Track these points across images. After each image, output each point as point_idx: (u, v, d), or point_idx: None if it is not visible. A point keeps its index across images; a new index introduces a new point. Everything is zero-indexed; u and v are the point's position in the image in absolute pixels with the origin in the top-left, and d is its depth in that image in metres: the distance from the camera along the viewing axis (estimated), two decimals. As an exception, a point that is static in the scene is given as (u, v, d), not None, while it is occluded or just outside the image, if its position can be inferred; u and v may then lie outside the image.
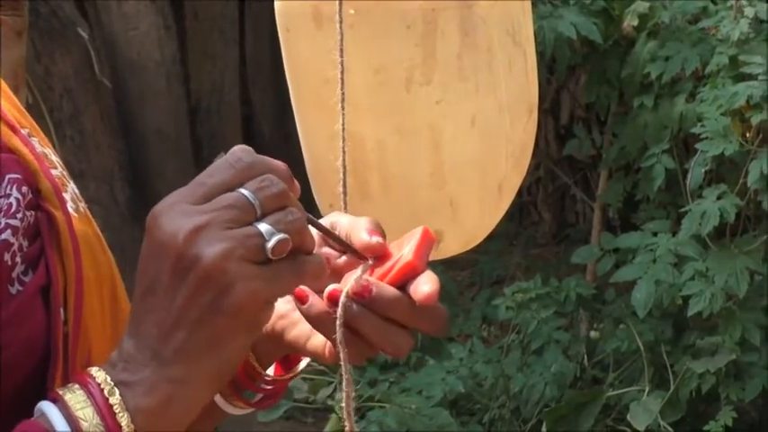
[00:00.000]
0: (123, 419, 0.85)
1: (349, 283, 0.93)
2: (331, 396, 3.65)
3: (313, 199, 1.72)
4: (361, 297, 0.92)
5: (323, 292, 0.95)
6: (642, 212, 3.99)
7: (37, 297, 0.93)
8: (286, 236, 0.86)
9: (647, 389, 3.60)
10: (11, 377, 0.91)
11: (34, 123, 1.04)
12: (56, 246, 0.96)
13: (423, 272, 0.92)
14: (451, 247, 1.68)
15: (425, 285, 0.91)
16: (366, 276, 0.93)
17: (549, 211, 5.54)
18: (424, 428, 3.55)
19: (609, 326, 3.93)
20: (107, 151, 4.36)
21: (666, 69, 3.66)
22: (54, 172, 0.99)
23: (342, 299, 0.92)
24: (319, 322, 0.95)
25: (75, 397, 0.86)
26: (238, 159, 0.89)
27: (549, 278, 4.06)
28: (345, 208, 1.53)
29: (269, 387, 1.05)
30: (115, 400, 0.86)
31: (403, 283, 0.93)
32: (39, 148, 1.00)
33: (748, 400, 3.52)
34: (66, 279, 0.95)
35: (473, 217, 1.69)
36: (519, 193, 2.12)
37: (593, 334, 4.05)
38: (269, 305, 0.88)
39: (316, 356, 1.00)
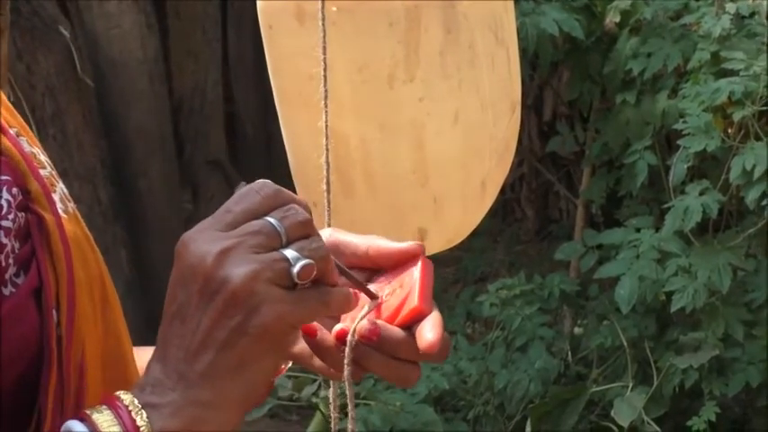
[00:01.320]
0: None
1: (357, 321, 0.96)
2: (315, 394, 3.65)
3: (296, 197, 1.71)
4: (369, 339, 0.95)
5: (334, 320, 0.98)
6: (625, 209, 4.00)
7: (30, 299, 0.93)
8: (311, 261, 0.89)
9: (630, 385, 3.61)
10: (4, 378, 0.91)
11: (23, 122, 1.03)
12: (46, 248, 0.96)
13: (429, 313, 0.95)
14: (435, 244, 1.68)
15: (429, 333, 0.94)
16: (374, 319, 0.96)
17: (533, 207, 5.55)
18: (409, 426, 3.55)
19: (592, 322, 3.94)
20: (90, 150, 4.35)
21: (648, 66, 3.67)
22: (43, 172, 0.99)
23: (349, 338, 0.95)
24: (327, 356, 0.98)
25: (102, 417, 0.88)
26: (262, 187, 0.92)
27: (533, 275, 4.06)
28: (329, 205, 1.53)
29: None
30: (142, 421, 0.87)
31: (410, 325, 0.96)
32: (27, 148, 1.00)
33: (731, 395, 3.53)
34: (57, 281, 0.95)
35: (457, 214, 1.69)
36: (502, 190, 2.12)
37: (576, 330, 4.06)
38: (294, 329, 0.90)
39: (321, 372, 1.02)
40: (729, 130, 3.37)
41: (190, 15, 4.97)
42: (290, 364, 1.08)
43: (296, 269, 0.88)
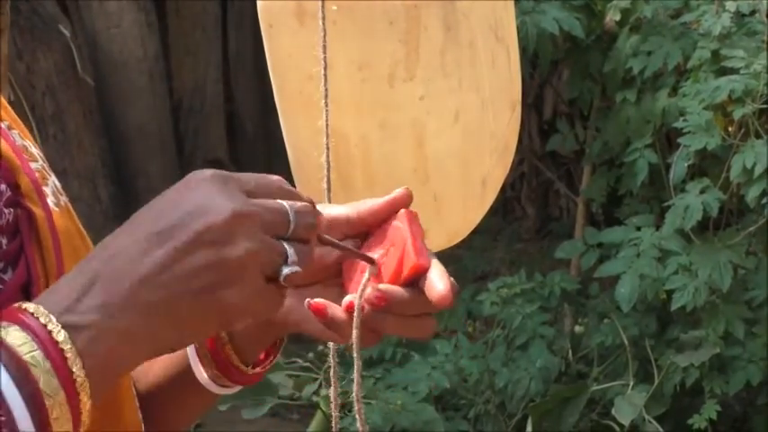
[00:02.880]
0: (75, 365, 0.80)
1: (360, 289, 0.96)
2: (316, 393, 3.65)
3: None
4: (378, 306, 0.95)
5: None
6: (625, 207, 4.00)
7: (18, 295, 0.92)
8: (299, 269, 0.87)
9: (631, 383, 3.61)
10: None
11: (14, 115, 1.03)
12: (36, 243, 0.95)
13: (428, 265, 0.95)
14: (436, 242, 1.68)
15: (438, 284, 0.94)
16: (379, 285, 0.96)
17: (533, 206, 5.55)
18: (410, 424, 3.55)
19: (593, 320, 3.94)
20: (90, 149, 4.35)
21: (649, 64, 3.67)
22: (34, 165, 0.99)
23: (356, 302, 0.96)
24: (341, 330, 0.98)
25: (12, 337, 0.79)
26: (281, 180, 0.91)
27: (534, 273, 4.06)
28: (329, 204, 1.53)
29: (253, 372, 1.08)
30: (66, 345, 0.80)
31: (413, 281, 0.97)
32: (18, 141, 0.99)
33: (732, 393, 3.53)
34: (47, 276, 0.94)
35: (457, 212, 1.69)
36: (503, 189, 2.12)
37: (577, 329, 4.05)
38: (248, 322, 0.89)
39: (319, 336, 1.02)
40: (730, 129, 3.37)
41: (190, 14, 4.97)
42: (284, 342, 1.09)
43: (285, 271, 0.87)
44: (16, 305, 0.82)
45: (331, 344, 1.27)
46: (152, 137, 4.65)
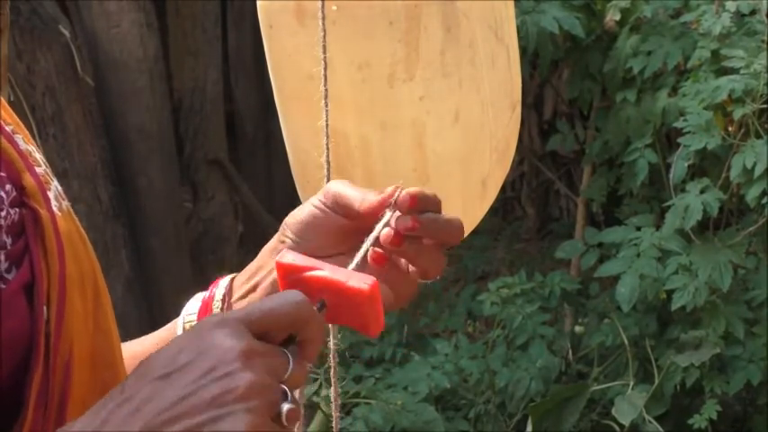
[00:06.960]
0: None
1: (379, 227, 1.09)
2: (317, 393, 3.65)
3: (297, 195, 1.72)
4: (413, 230, 1.09)
5: None
6: (625, 207, 4.00)
7: (20, 294, 0.93)
8: (297, 407, 0.91)
9: (631, 383, 3.61)
10: None
11: (18, 120, 1.03)
12: (40, 244, 0.96)
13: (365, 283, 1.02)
14: (436, 242, 1.68)
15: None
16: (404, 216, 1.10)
17: (533, 206, 5.55)
18: (410, 424, 3.55)
19: (593, 320, 3.94)
20: (90, 149, 4.35)
21: (649, 64, 3.67)
22: (38, 170, 1.00)
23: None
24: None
25: None
26: (297, 303, 0.94)
27: (534, 273, 4.06)
28: (329, 204, 1.53)
29: None
30: None
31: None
32: (23, 146, 1.00)
33: (732, 393, 3.53)
34: (49, 277, 0.95)
35: (457, 212, 1.68)
36: (503, 189, 2.12)
37: (577, 329, 4.06)
38: None
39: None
40: (730, 128, 3.37)
41: (190, 14, 4.97)
42: None
43: (285, 408, 0.90)
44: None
45: (331, 344, 1.29)
46: (152, 137, 4.65)
